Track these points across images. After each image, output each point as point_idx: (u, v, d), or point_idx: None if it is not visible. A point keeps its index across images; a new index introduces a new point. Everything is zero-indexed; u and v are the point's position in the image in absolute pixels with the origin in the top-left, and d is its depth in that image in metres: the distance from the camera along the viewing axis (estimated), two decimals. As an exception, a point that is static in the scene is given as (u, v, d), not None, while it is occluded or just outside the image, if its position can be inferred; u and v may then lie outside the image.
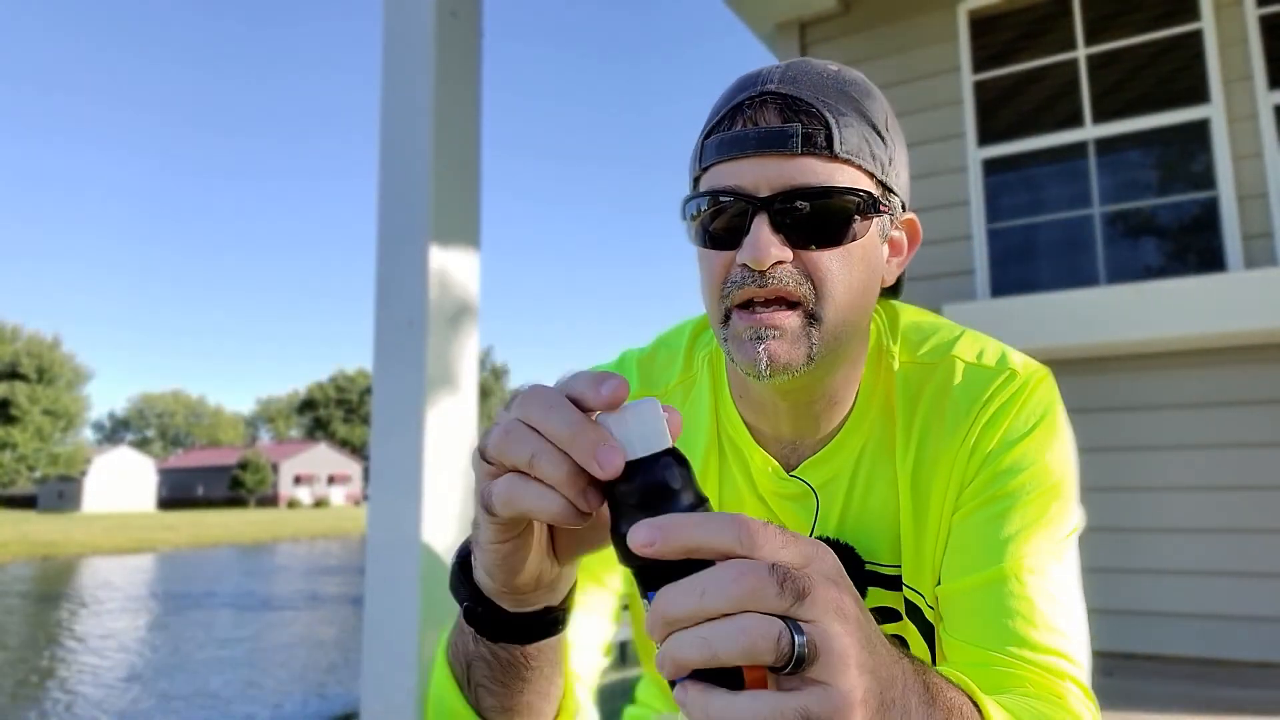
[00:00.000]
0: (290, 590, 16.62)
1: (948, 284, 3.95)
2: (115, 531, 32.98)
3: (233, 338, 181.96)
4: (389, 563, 2.20)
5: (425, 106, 2.30)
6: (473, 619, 0.59)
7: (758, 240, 0.70)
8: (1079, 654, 0.72)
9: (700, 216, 0.75)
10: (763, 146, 0.71)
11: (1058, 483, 0.76)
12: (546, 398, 0.46)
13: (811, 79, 0.74)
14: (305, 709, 7.58)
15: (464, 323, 2.36)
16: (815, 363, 0.73)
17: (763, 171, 0.71)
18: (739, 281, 0.72)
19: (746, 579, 0.38)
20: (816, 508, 0.84)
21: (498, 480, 0.47)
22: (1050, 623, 0.71)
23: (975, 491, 0.77)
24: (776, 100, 0.73)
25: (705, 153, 0.76)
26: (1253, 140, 3.51)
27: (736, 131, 0.73)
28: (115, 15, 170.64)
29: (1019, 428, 0.77)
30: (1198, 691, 2.91)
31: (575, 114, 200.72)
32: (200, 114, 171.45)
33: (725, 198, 0.73)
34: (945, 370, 0.82)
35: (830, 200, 0.71)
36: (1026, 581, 0.72)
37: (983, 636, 0.72)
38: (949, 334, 0.86)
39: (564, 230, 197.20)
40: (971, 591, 0.74)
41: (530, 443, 0.45)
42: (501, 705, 0.64)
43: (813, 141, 0.71)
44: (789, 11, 4.33)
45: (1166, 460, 3.48)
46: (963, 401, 0.79)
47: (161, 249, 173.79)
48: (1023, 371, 0.80)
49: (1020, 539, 0.74)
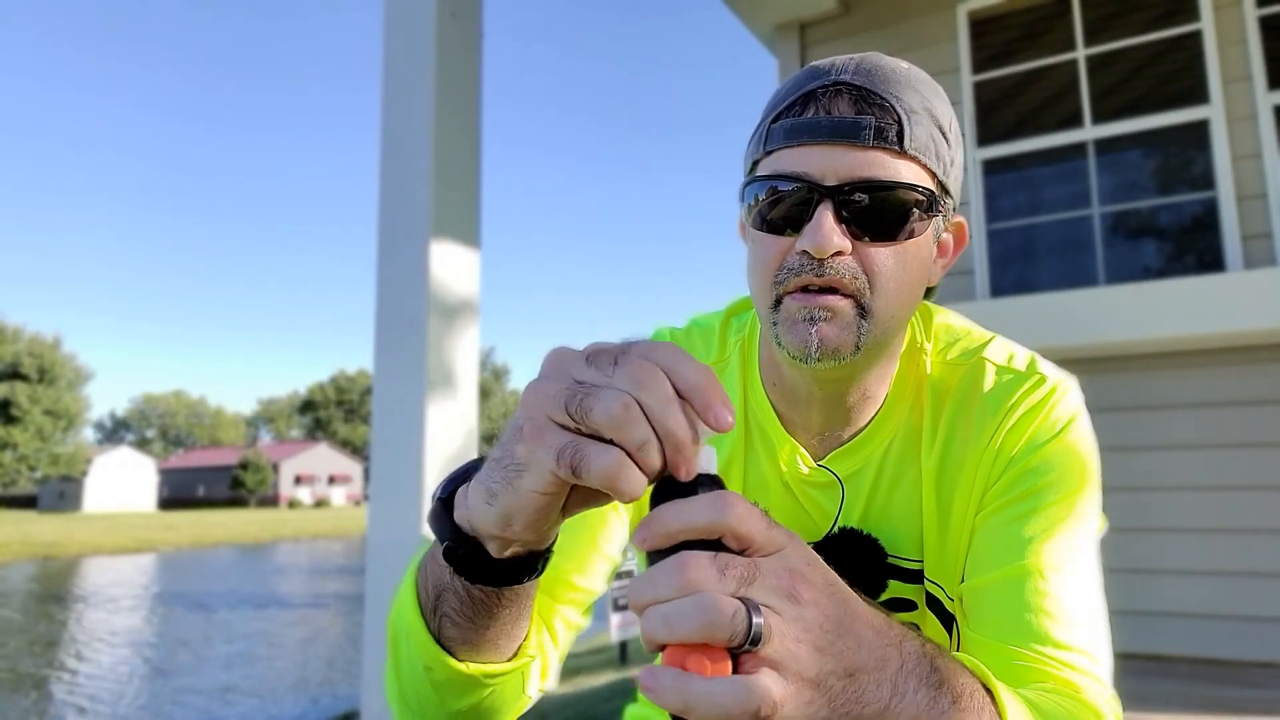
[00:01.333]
0: (297, 589, 16.63)
1: (948, 284, 3.95)
2: (116, 531, 33.00)
3: (234, 338, 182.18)
4: (389, 562, 2.20)
5: (425, 106, 2.31)
6: (452, 558, 0.58)
7: (821, 228, 0.70)
8: (1100, 651, 0.73)
9: (760, 200, 0.75)
10: (834, 135, 0.71)
11: (1081, 486, 0.77)
12: (666, 390, 0.44)
13: (885, 73, 0.74)
14: (337, 702, 7.64)
15: (464, 321, 2.36)
16: (861, 353, 0.73)
17: (831, 160, 0.71)
18: (795, 269, 0.72)
19: (687, 568, 0.42)
20: (842, 498, 0.85)
21: (598, 450, 0.44)
22: (1071, 619, 0.72)
23: (999, 493, 0.78)
24: (851, 91, 0.72)
25: (771, 136, 0.75)
26: (1252, 140, 3.51)
27: (809, 118, 0.73)
28: (115, 16, 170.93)
29: (1045, 432, 0.78)
30: (1198, 691, 2.92)
31: (571, 101, 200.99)
32: (200, 114, 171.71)
33: (791, 183, 0.72)
34: (974, 372, 0.83)
35: (896, 195, 0.71)
36: (1049, 578, 0.73)
37: (1003, 632, 0.73)
38: (980, 337, 0.87)
39: (564, 231, 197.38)
40: (992, 587, 0.75)
41: (645, 431, 0.44)
42: (464, 638, 0.65)
43: (884, 135, 0.71)
44: (789, 12, 4.34)
45: (1167, 460, 3.48)
46: (990, 404, 0.80)
47: (162, 249, 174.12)
48: (1050, 378, 0.81)
49: (1043, 538, 0.75)
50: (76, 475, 71.49)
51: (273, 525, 38.78)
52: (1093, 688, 0.70)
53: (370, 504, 2.27)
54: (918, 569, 0.84)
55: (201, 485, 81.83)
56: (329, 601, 14.72)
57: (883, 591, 0.85)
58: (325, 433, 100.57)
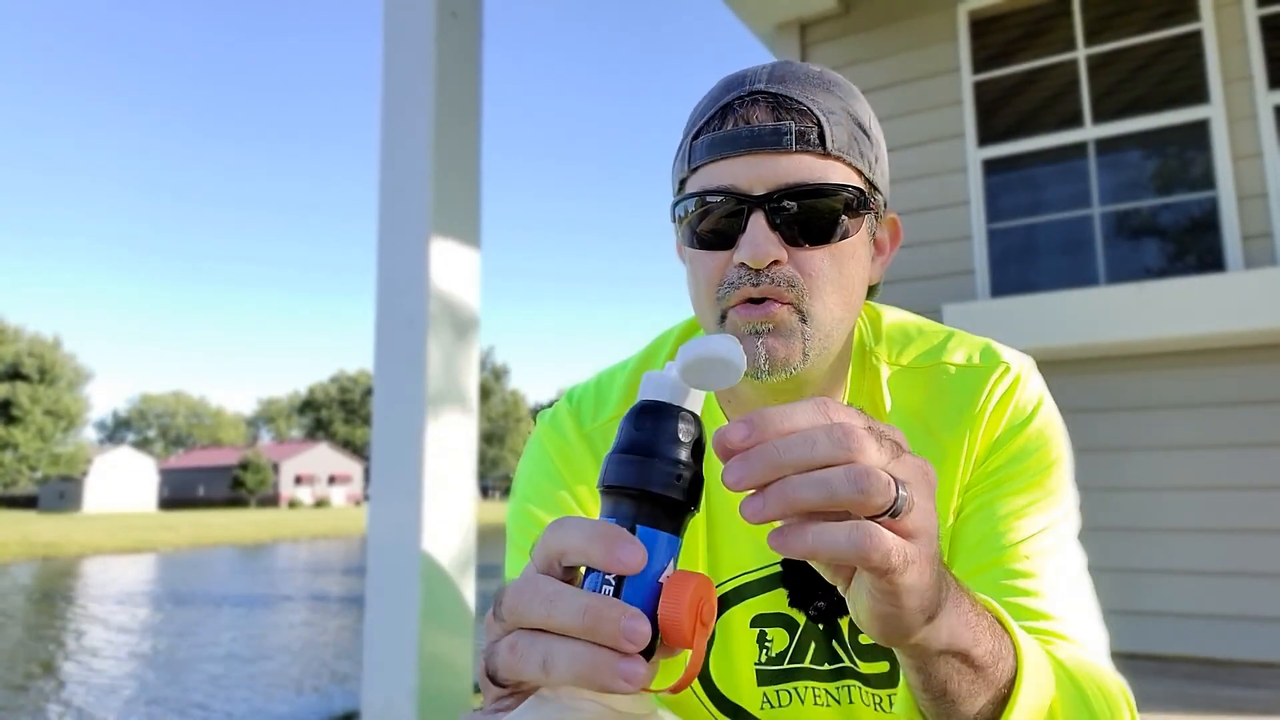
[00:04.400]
0: (297, 589, 16.64)
1: (948, 284, 3.95)
2: (116, 532, 33.00)
3: (234, 338, 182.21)
4: (390, 563, 2.20)
5: (425, 106, 2.31)
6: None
7: (756, 239, 0.70)
8: (1087, 634, 0.74)
9: (690, 217, 0.75)
10: (756, 145, 0.71)
11: (1056, 466, 0.79)
12: (537, 588, 0.44)
13: (799, 78, 0.75)
14: (337, 702, 7.68)
15: (465, 321, 2.36)
16: (809, 360, 0.74)
17: (757, 170, 0.71)
18: (735, 282, 0.72)
19: (853, 436, 0.45)
20: None
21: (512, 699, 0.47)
22: (1057, 608, 0.73)
23: (976, 482, 0.79)
24: (767, 99, 0.73)
25: (694, 153, 0.75)
26: (1253, 140, 3.51)
27: (728, 131, 0.72)
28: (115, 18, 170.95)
29: (1016, 418, 0.80)
30: (1198, 691, 2.91)
31: (571, 107, 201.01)
32: (200, 114, 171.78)
33: (719, 197, 0.72)
34: (939, 374, 0.83)
35: (825, 198, 0.72)
36: (1040, 569, 0.74)
37: None
38: (935, 337, 0.87)
39: (563, 230, 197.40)
40: (984, 583, 0.75)
41: (539, 648, 0.42)
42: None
43: (806, 139, 0.71)
44: (789, 12, 4.34)
45: (1166, 460, 3.48)
46: (960, 401, 0.81)
47: (162, 249, 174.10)
48: (1014, 365, 0.82)
49: (1028, 526, 0.76)
50: (76, 475, 71.51)
51: (273, 525, 38.77)
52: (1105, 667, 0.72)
53: (370, 504, 2.27)
54: None
55: (202, 485, 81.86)
56: (329, 601, 14.72)
57: None
58: (325, 433, 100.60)
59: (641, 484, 0.45)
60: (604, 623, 0.40)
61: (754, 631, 0.84)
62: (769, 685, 0.85)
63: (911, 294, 3.86)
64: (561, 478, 0.86)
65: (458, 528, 2.28)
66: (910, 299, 3.58)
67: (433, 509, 2.19)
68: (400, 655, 2.13)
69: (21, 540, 28.58)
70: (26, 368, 72.37)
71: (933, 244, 3.99)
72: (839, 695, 0.84)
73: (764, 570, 0.83)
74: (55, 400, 72.95)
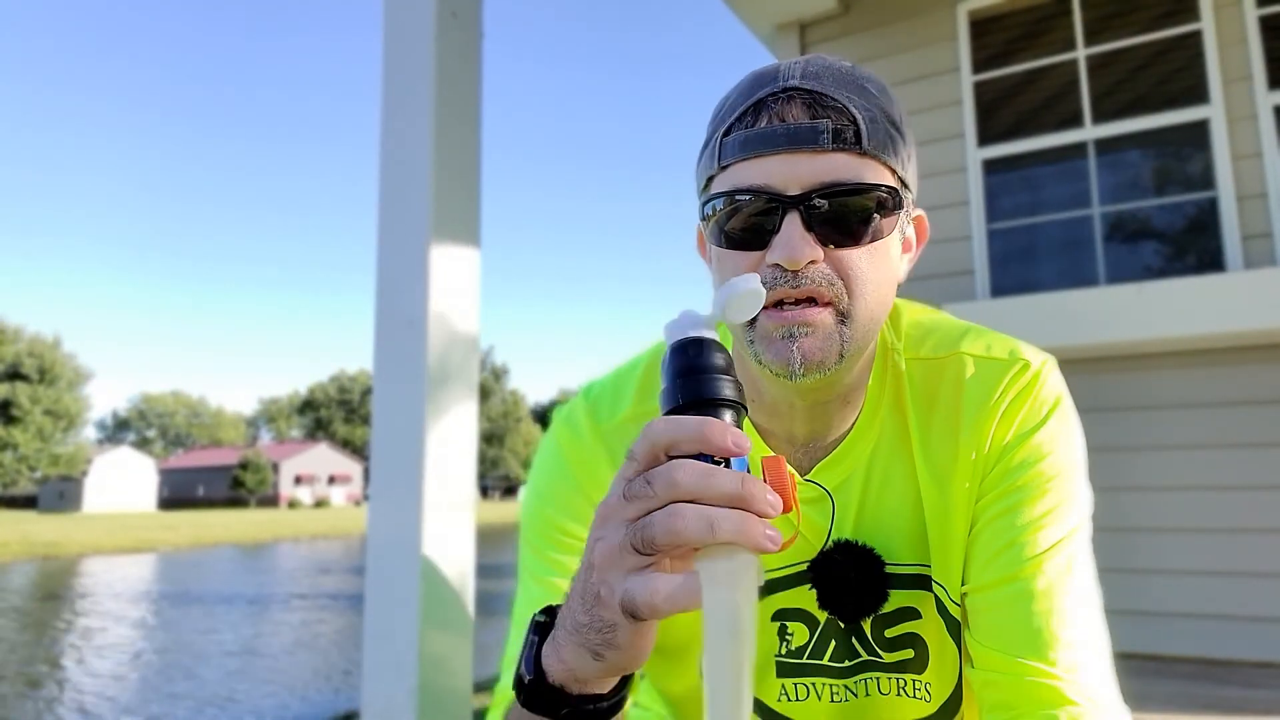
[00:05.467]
0: (297, 589, 16.64)
1: (948, 284, 3.95)
2: (116, 531, 32.99)
3: (234, 338, 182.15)
4: (389, 562, 2.20)
5: (425, 106, 2.31)
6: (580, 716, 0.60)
7: (791, 239, 0.69)
8: (1093, 688, 0.73)
9: (719, 215, 0.73)
10: (793, 143, 0.70)
11: (1070, 467, 0.78)
12: (701, 474, 0.49)
13: (833, 75, 0.73)
14: (336, 702, 7.71)
15: (465, 322, 2.36)
16: (844, 361, 0.73)
17: (793, 169, 0.70)
18: (769, 283, 0.70)
19: None
20: (833, 510, 0.83)
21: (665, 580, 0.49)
22: (1062, 636, 0.73)
23: (995, 483, 0.78)
24: (803, 96, 0.71)
25: (725, 150, 0.73)
26: (1252, 140, 3.51)
27: (763, 128, 0.71)
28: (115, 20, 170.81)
29: (1033, 417, 0.79)
30: (1198, 691, 2.91)
31: (571, 101, 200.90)
32: (200, 114, 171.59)
33: (750, 196, 0.71)
34: (956, 365, 0.82)
35: (861, 197, 0.70)
36: (1054, 584, 0.74)
37: (1013, 645, 0.74)
38: (952, 330, 0.86)
39: (565, 230, 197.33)
40: (998, 595, 0.75)
41: (705, 524, 0.47)
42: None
43: (842, 137, 0.70)
44: (789, 12, 4.33)
45: (1167, 460, 3.48)
46: (978, 395, 0.80)
47: (162, 249, 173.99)
48: (1034, 362, 0.81)
49: (1044, 536, 0.75)
50: (76, 475, 71.50)
51: (272, 525, 38.78)
52: (1079, 705, 0.71)
53: (370, 504, 2.27)
54: (918, 574, 0.83)
55: (201, 485, 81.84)
56: (329, 601, 14.72)
57: (884, 603, 0.83)
58: (325, 433, 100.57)
59: (715, 394, 0.52)
60: (754, 495, 0.48)
61: (775, 625, 0.85)
62: (787, 678, 0.86)
63: (911, 294, 3.80)
64: (576, 479, 0.87)
65: (457, 527, 2.28)
66: (910, 299, 3.57)
67: (433, 509, 2.19)
68: (400, 655, 2.13)
69: (22, 540, 28.58)
70: (26, 368, 72.34)
71: (932, 244, 3.95)
72: (856, 689, 0.85)
73: (789, 569, 0.84)
74: (55, 400, 72.92)
